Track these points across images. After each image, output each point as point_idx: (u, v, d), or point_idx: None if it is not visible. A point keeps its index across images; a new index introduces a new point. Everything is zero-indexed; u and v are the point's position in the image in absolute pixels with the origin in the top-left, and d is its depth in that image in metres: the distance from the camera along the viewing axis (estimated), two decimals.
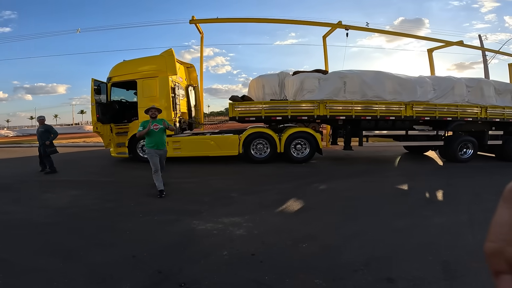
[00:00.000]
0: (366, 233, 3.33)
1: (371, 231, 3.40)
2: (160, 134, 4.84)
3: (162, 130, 4.87)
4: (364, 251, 2.89)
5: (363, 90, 7.75)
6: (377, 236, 3.26)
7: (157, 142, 4.80)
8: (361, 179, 5.98)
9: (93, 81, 7.70)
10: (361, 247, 2.98)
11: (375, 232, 3.36)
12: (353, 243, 3.09)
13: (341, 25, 11.56)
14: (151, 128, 4.73)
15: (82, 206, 4.40)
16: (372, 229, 3.44)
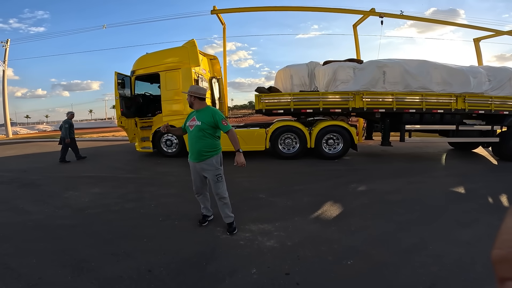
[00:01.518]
0: (425, 247, 2.74)
1: (431, 243, 2.80)
2: (196, 137, 2.95)
3: (199, 130, 2.92)
4: (426, 271, 2.33)
5: (406, 80, 6.93)
6: (440, 250, 2.66)
7: (191, 149, 3.05)
8: (406, 180, 5.25)
9: (117, 75, 7.53)
10: (422, 265, 2.42)
11: (437, 245, 2.76)
12: (411, 260, 2.52)
13: (375, 12, 10.58)
14: (186, 125, 3.09)
15: (102, 206, 4.14)
16: (432, 241, 2.84)
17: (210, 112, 2.96)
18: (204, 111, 3.00)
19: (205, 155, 2.97)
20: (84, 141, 15.27)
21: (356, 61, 7.66)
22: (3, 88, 24.36)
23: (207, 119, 2.92)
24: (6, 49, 24.03)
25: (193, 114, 3.05)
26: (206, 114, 2.96)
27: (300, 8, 11.29)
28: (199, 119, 2.95)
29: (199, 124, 2.92)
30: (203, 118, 2.94)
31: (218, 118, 2.92)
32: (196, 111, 3.05)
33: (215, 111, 2.99)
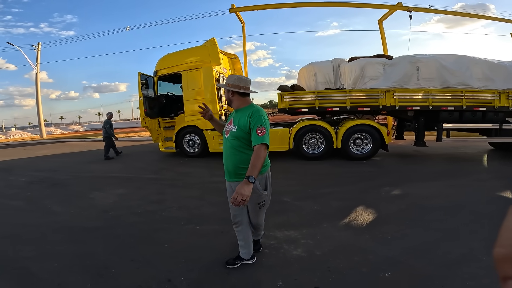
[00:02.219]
0: (475, 257, 2.41)
1: (481, 254, 2.46)
2: (230, 147, 2.16)
3: (234, 138, 2.12)
4: (477, 283, 2.06)
5: (443, 76, 6.41)
6: (492, 261, 2.27)
7: (224, 163, 2.25)
8: (446, 183, 4.78)
9: (140, 75, 7.60)
10: (473, 277, 2.13)
11: (489, 256, 2.37)
12: (459, 272, 2.22)
13: (402, 6, 9.99)
14: (223, 130, 2.31)
15: (126, 208, 4.11)
16: (483, 252, 2.49)
17: (249, 113, 2.06)
18: (244, 112, 2.11)
19: (243, 174, 2.02)
20: None
21: (385, 57, 7.21)
22: (37, 90, 25.82)
23: (243, 123, 2.07)
24: (38, 52, 25.38)
25: (232, 115, 2.25)
26: (245, 115, 2.08)
27: (323, 4, 10.87)
28: (235, 123, 2.12)
29: (234, 130, 2.10)
30: (240, 121, 2.09)
31: (254, 122, 2.01)
32: (235, 111, 2.23)
33: (256, 111, 2.06)
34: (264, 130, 1.99)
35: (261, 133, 1.99)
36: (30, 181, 6.16)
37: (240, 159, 2.12)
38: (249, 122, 2.05)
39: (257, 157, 1.92)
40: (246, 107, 2.17)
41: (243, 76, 2.22)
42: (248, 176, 1.85)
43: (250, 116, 2.05)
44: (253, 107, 2.14)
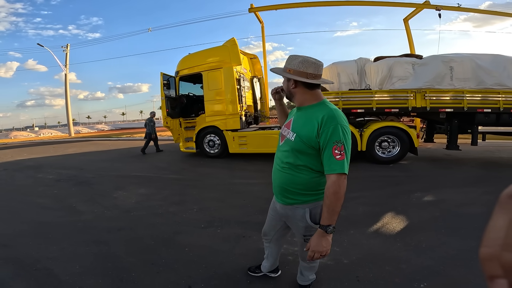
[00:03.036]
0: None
1: None
2: (281, 160, 1.58)
3: (289, 149, 1.50)
4: None
5: (479, 76, 6.01)
6: None
7: (273, 175, 1.69)
8: (481, 189, 4.42)
9: (162, 75, 7.70)
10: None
11: None
12: None
13: (429, 5, 9.51)
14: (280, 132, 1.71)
15: (147, 208, 4.10)
16: None
17: (321, 117, 1.37)
18: (311, 113, 1.44)
19: (291, 199, 1.56)
20: (134, 140, 16.21)
21: (414, 56, 6.85)
22: (66, 90, 27.05)
23: (308, 132, 1.40)
24: (67, 54, 26.57)
25: (292, 113, 1.64)
26: (311, 119, 1.41)
27: (346, 3, 10.55)
28: (294, 128, 1.49)
29: (291, 138, 1.48)
30: (304, 128, 1.43)
31: (329, 135, 1.33)
32: (297, 109, 1.55)
33: (332, 117, 1.35)
34: (343, 150, 1.31)
35: (339, 155, 1.30)
36: (57, 179, 6.37)
37: (291, 180, 1.52)
38: (318, 133, 1.36)
39: (336, 196, 1.29)
40: (315, 106, 1.45)
41: (312, 58, 1.42)
42: (325, 226, 1.33)
43: (321, 124, 1.35)
44: (327, 107, 1.41)
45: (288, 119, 1.66)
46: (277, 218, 1.81)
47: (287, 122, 1.63)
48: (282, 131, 1.64)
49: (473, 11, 10.71)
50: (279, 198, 1.65)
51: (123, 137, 18.89)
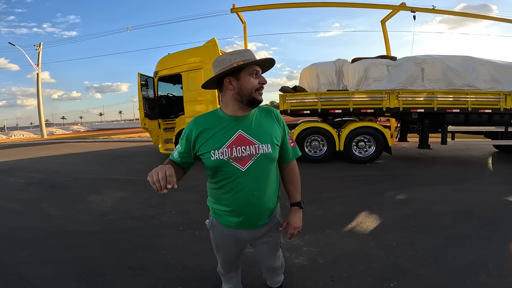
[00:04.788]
0: (484, 265, 2.31)
1: (491, 261, 2.36)
2: (261, 179, 1.30)
3: (269, 160, 1.29)
4: None
5: (448, 77, 6.31)
6: (502, 269, 2.22)
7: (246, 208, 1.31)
8: (451, 187, 4.66)
9: (140, 76, 7.53)
10: (482, 286, 2.04)
11: (499, 263, 2.31)
12: (468, 281, 2.13)
13: (405, 7, 9.89)
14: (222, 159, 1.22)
15: (124, 212, 4.01)
16: (492, 259, 2.39)
17: (273, 115, 1.36)
18: (264, 115, 1.34)
19: (271, 212, 1.45)
20: (112, 142, 15.75)
21: (389, 58, 7.11)
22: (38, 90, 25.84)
23: (277, 133, 1.33)
24: (39, 53, 25.40)
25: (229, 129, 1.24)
26: (270, 121, 1.33)
27: (326, 4, 10.78)
28: (261, 138, 1.26)
29: (268, 150, 1.26)
30: (272, 132, 1.30)
31: (286, 127, 1.41)
32: (235, 119, 1.25)
33: (277, 112, 1.40)
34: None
35: (292, 142, 1.46)
36: (29, 183, 6.09)
37: (274, 192, 1.42)
38: (283, 128, 1.37)
39: (298, 174, 1.52)
40: (260, 111, 1.35)
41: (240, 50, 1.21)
42: (300, 202, 1.49)
43: (278, 121, 1.36)
44: (268, 107, 1.41)
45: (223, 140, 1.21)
46: (240, 246, 1.52)
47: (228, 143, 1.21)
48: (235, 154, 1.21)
49: (447, 13, 11.18)
50: (258, 222, 1.38)
51: (100, 139, 18.27)
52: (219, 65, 1.19)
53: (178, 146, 1.31)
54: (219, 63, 1.19)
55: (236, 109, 1.24)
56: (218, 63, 1.20)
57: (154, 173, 1.05)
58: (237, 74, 1.18)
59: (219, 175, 1.28)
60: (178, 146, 1.30)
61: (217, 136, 1.22)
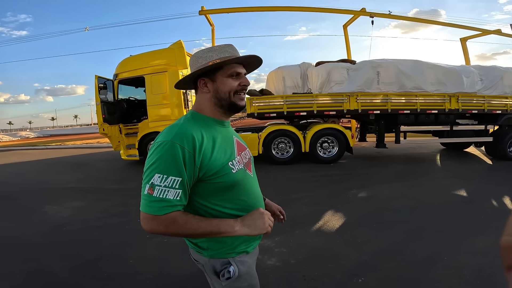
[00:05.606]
0: (440, 258, 2.52)
1: (446, 253, 2.58)
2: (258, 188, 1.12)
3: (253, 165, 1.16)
4: (447, 285, 2.13)
5: (400, 80, 6.81)
6: (457, 260, 2.46)
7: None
8: (406, 183, 5.06)
9: (97, 79, 7.10)
10: (442, 279, 2.21)
11: (452, 256, 2.54)
12: (428, 273, 2.30)
13: (365, 12, 10.53)
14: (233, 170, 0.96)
15: (84, 221, 3.77)
16: (447, 251, 2.62)
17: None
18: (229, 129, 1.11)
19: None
20: (66, 149, 14.61)
21: (349, 62, 7.50)
22: None
23: None
24: None
25: (226, 134, 1.04)
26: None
27: (291, 8, 11.13)
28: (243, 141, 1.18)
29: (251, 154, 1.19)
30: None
31: None
32: (221, 123, 1.04)
33: None
34: None
35: None
36: None
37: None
38: None
39: None
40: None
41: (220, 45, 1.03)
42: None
43: None
44: None
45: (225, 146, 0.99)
46: None
47: (237, 149, 1.04)
48: (238, 158, 1.02)
49: (401, 18, 11.95)
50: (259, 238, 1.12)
51: (52, 146, 16.84)
52: (193, 64, 1.02)
53: (170, 179, 0.82)
54: (194, 61, 1.02)
55: (218, 114, 1.02)
56: (193, 61, 1.02)
57: (267, 222, 0.94)
58: (212, 75, 0.99)
59: (236, 193, 0.97)
60: (172, 179, 0.82)
61: (223, 143, 0.98)
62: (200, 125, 0.95)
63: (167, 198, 0.81)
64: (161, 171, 0.81)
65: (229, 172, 0.93)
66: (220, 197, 0.94)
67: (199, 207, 0.94)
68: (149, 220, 0.82)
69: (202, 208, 0.93)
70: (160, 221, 0.82)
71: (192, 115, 1.00)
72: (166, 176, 0.81)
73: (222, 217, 0.94)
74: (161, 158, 0.83)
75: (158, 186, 0.81)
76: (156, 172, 0.81)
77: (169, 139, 0.85)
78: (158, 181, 0.81)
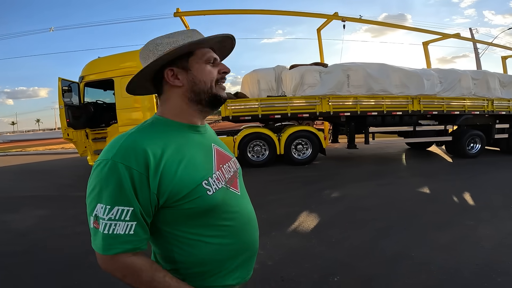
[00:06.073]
0: (409, 254, 2.65)
1: (413, 250, 2.73)
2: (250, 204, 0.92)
3: (241, 177, 0.94)
4: (416, 281, 2.24)
5: (368, 83, 7.13)
6: (424, 257, 2.60)
7: (251, 239, 0.85)
8: (376, 182, 5.31)
9: (61, 81, 6.69)
10: (411, 275, 2.32)
11: (420, 252, 2.69)
12: (398, 270, 2.41)
13: (338, 16, 10.89)
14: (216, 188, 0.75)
15: (49, 230, 3.58)
16: (414, 248, 2.77)
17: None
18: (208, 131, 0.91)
19: None
20: (28, 155, 13.62)
21: (321, 65, 7.72)
22: None
23: None
24: None
25: (201, 143, 0.82)
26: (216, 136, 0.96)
27: (267, 12, 11.23)
28: (228, 149, 0.95)
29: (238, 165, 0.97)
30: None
31: None
32: (196, 129, 0.82)
33: None
34: None
35: None
36: None
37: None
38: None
39: None
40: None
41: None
42: None
43: None
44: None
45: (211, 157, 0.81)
46: None
47: (216, 160, 0.83)
48: (223, 174, 0.81)
49: (370, 22, 12.44)
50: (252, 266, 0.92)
51: (12, 152, 15.63)
52: (151, 54, 0.76)
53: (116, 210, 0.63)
54: (152, 49, 0.76)
55: (193, 114, 0.80)
56: (150, 50, 0.77)
57: None
58: (184, 62, 0.76)
59: (216, 218, 0.76)
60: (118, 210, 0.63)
61: (196, 157, 0.75)
62: (162, 134, 0.73)
63: (115, 233, 0.63)
64: (104, 201, 0.63)
65: (203, 194, 0.71)
66: (195, 223, 0.73)
67: (171, 237, 0.73)
68: (103, 260, 0.66)
69: (175, 239, 0.73)
70: (115, 265, 0.66)
71: (153, 121, 0.78)
72: (110, 207, 0.63)
73: (202, 247, 0.73)
74: (100, 184, 0.64)
75: (102, 219, 0.63)
76: (97, 202, 0.63)
77: (110, 157, 0.65)
78: (101, 213, 0.63)
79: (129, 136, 0.69)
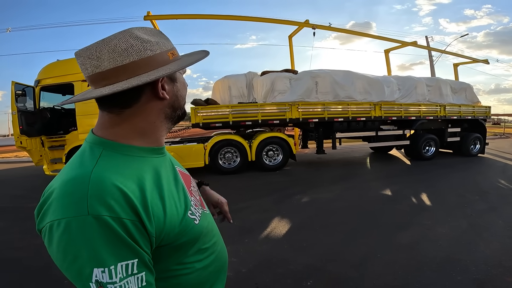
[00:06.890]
0: (375, 255, 2.79)
1: (379, 251, 2.88)
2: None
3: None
4: (383, 282, 2.35)
5: (335, 90, 7.42)
6: (388, 257, 2.74)
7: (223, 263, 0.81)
8: (343, 186, 5.53)
9: (14, 85, 6.14)
10: (378, 276, 2.44)
11: (384, 252, 2.85)
12: (366, 272, 2.52)
13: (309, 24, 11.22)
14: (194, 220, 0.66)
15: (3, 243, 3.35)
16: (379, 249, 2.92)
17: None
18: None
19: None
20: None
21: (291, 72, 7.88)
22: None
23: None
24: None
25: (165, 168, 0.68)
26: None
27: (240, 18, 11.23)
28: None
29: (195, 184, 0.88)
30: None
31: None
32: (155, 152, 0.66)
33: None
34: None
35: None
36: None
37: None
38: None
39: None
40: None
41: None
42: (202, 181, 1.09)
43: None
44: None
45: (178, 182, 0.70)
46: None
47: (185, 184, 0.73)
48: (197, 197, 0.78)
49: (337, 30, 12.90)
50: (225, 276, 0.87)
51: None
52: (134, 52, 0.58)
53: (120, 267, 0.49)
54: (137, 51, 0.58)
55: (162, 134, 0.68)
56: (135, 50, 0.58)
57: None
58: (172, 74, 0.64)
59: (201, 243, 0.69)
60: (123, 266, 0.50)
61: (171, 185, 0.66)
62: (126, 165, 0.58)
63: None
64: (103, 263, 0.48)
65: (192, 225, 0.64)
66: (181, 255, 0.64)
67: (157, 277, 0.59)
68: None
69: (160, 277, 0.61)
70: None
71: (103, 148, 0.59)
72: (114, 267, 0.49)
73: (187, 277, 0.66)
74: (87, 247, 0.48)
75: (112, 284, 0.48)
76: (93, 267, 0.48)
77: (83, 212, 0.49)
78: (107, 278, 0.48)
79: (86, 178, 0.52)
